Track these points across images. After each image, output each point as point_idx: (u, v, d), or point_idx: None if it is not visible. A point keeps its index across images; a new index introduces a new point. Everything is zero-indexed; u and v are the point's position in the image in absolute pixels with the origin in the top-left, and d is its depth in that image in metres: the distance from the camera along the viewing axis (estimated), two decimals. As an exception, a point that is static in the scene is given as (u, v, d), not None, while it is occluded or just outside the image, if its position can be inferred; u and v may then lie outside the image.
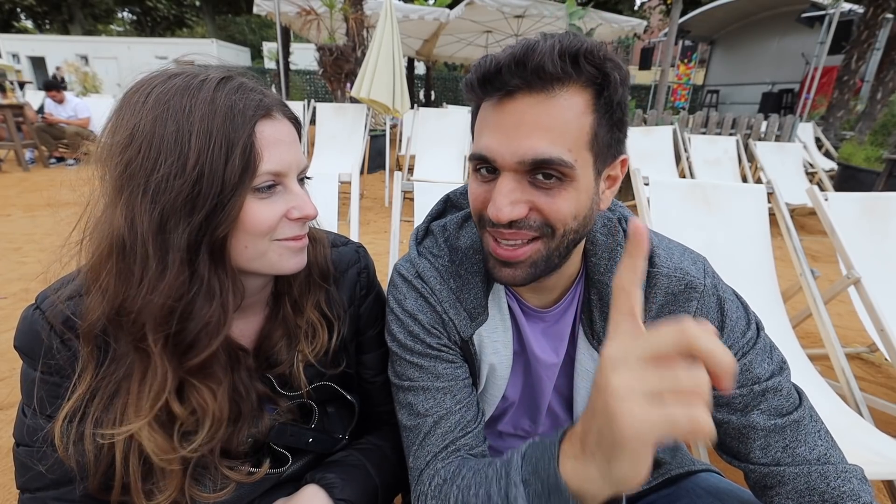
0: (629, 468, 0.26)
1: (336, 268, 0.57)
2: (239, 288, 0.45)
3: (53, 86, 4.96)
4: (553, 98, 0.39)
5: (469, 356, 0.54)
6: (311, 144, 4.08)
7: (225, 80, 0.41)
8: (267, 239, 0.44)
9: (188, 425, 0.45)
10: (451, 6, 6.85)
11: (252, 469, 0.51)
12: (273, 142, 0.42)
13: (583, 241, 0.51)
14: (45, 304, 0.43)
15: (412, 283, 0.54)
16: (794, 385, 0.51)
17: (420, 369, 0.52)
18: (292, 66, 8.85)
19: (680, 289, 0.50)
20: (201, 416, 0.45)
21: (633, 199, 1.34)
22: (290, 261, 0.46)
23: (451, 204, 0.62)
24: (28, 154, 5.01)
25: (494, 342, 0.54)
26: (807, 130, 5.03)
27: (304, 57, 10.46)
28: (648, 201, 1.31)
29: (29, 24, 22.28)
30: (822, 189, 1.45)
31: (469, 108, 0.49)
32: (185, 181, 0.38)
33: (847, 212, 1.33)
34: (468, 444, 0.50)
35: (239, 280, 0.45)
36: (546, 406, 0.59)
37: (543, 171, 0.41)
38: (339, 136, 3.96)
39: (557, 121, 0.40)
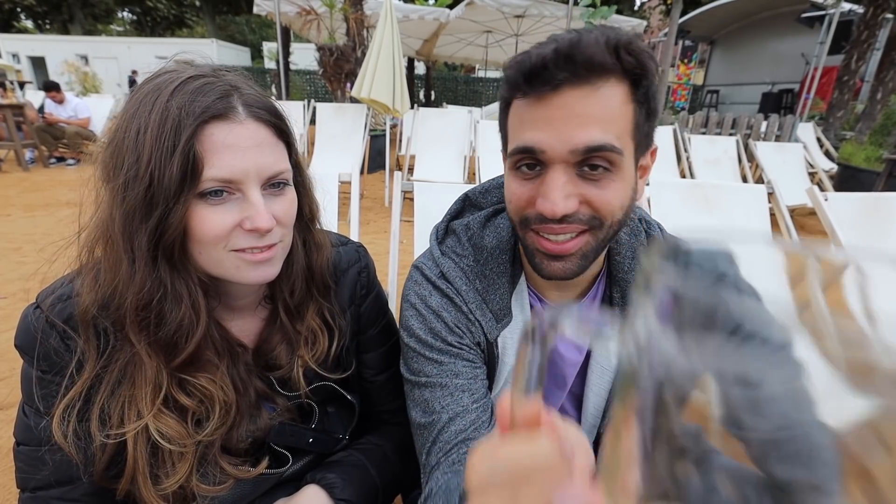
0: None
1: (337, 267, 0.57)
2: (213, 290, 0.45)
3: (53, 86, 4.96)
4: (598, 89, 0.40)
5: (492, 358, 0.54)
6: (311, 144, 4.08)
7: (191, 79, 0.40)
8: (221, 248, 0.42)
9: (200, 413, 0.46)
10: (451, 6, 6.85)
11: (251, 468, 0.51)
12: (223, 147, 0.39)
13: None
14: (45, 304, 0.44)
15: (436, 284, 0.53)
16: None
17: (439, 365, 0.51)
18: (292, 66, 8.84)
19: None
20: (209, 402, 0.46)
21: (633, 199, 1.34)
22: (249, 273, 0.44)
23: (469, 203, 0.61)
24: (28, 154, 5.00)
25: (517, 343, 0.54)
26: (807, 130, 5.04)
27: (305, 57, 10.46)
28: (649, 201, 1.31)
29: (29, 24, 22.28)
30: (822, 189, 1.45)
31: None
32: (140, 183, 0.38)
33: (847, 212, 1.33)
34: None
35: (211, 284, 0.45)
36: (559, 405, 0.59)
37: (592, 162, 0.41)
38: (339, 136, 3.96)
39: (605, 110, 0.40)
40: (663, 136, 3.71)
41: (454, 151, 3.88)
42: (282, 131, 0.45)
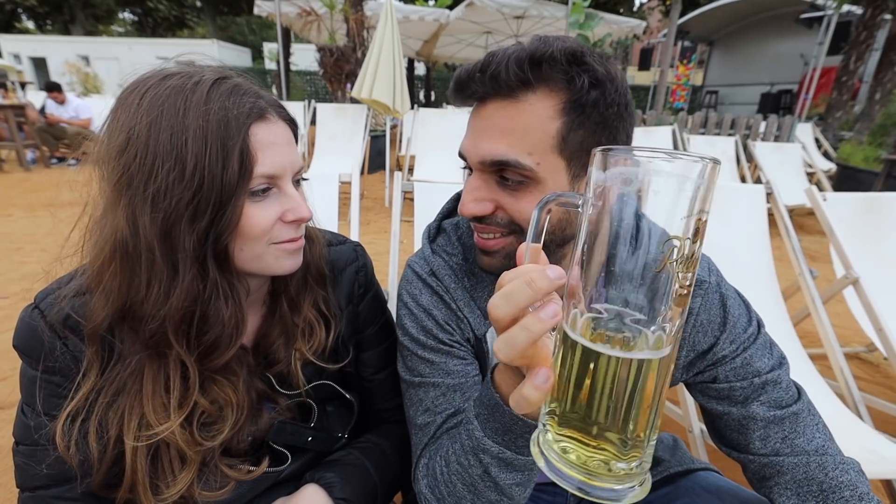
0: None
1: (334, 266, 0.57)
2: (245, 287, 0.45)
3: (55, 87, 4.97)
4: (519, 103, 0.42)
5: (481, 354, 0.55)
6: (312, 145, 4.09)
7: (219, 81, 0.41)
8: (263, 242, 0.43)
9: (208, 416, 0.46)
10: (451, 7, 6.86)
11: (251, 468, 0.51)
12: (267, 144, 0.42)
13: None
14: (43, 304, 0.44)
15: (426, 281, 0.55)
16: (793, 381, 0.52)
17: (431, 365, 0.52)
18: (293, 67, 8.86)
19: None
20: (225, 407, 0.46)
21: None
22: (286, 262, 0.46)
23: None
24: (29, 154, 5.01)
25: None
26: (805, 131, 5.04)
27: (305, 57, 10.48)
28: (647, 201, 1.30)
29: (30, 24, 22.32)
30: (820, 189, 1.45)
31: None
32: (186, 187, 0.38)
33: (845, 212, 1.33)
34: None
35: (245, 280, 0.46)
36: None
37: (504, 173, 0.43)
38: (339, 136, 3.96)
39: (519, 125, 0.42)
40: (662, 136, 3.72)
41: (454, 152, 3.86)
42: (296, 130, 0.48)
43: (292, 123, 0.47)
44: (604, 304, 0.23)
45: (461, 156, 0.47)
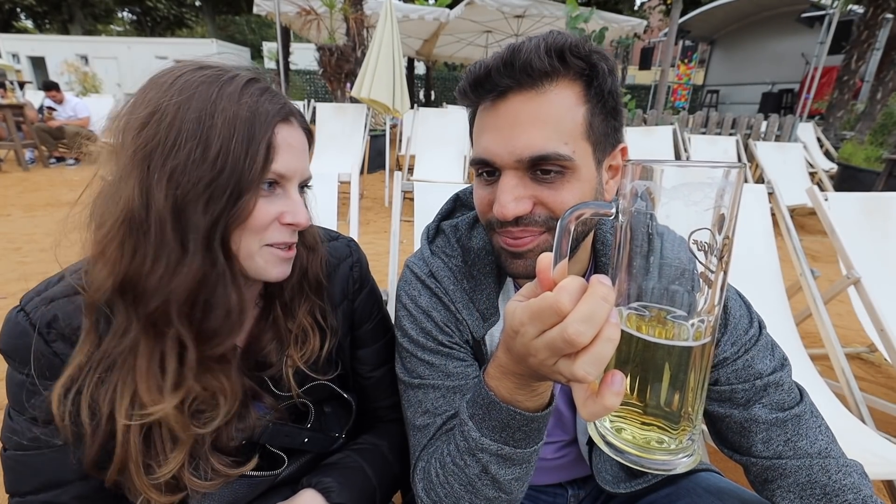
0: (541, 383, 0.37)
1: (328, 263, 0.57)
2: (243, 280, 0.45)
3: (52, 86, 4.97)
4: (544, 94, 0.41)
5: (480, 356, 0.54)
6: (311, 144, 4.08)
7: (253, 80, 0.43)
8: (258, 240, 0.43)
9: (201, 402, 0.45)
10: (451, 6, 6.85)
11: (244, 468, 0.50)
12: (286, 146, 0.43)
13: (590, 236, 0.52)
14: (29, 306, 0.43)
15: (425, 282, 0.54)
16: (796, 383, 0.52)
17: (431, 367, 0.52)
18: (292, 66, 8.85)
19: None
20: (219, 394, 0.45)
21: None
22: (274, 269, 0.46)
23: (460, 203, 0.62)
24: (28, 154, 5.01)
25: None
26: (807, 130, 5.03)
27: (304, 57, 10.46)
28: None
29: (29, 23, 22.31)
30: (822, 189, 1.44)
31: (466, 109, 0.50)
32: (207, 169, 0.38)
33: (847, 212, 1.33)
34: None
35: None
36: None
37: (542, 167, 0.42)
38: (339, 135, 3.96)
39: (551, 115, 0.41)
40: (663, 136, 3.71)
41: (454, 151, 3.87)
42: (311, 141, 0.49)
43: (309, 134, 0.48)
44: (645, 302, 0.27)
45: (480, 161, 0.45)
